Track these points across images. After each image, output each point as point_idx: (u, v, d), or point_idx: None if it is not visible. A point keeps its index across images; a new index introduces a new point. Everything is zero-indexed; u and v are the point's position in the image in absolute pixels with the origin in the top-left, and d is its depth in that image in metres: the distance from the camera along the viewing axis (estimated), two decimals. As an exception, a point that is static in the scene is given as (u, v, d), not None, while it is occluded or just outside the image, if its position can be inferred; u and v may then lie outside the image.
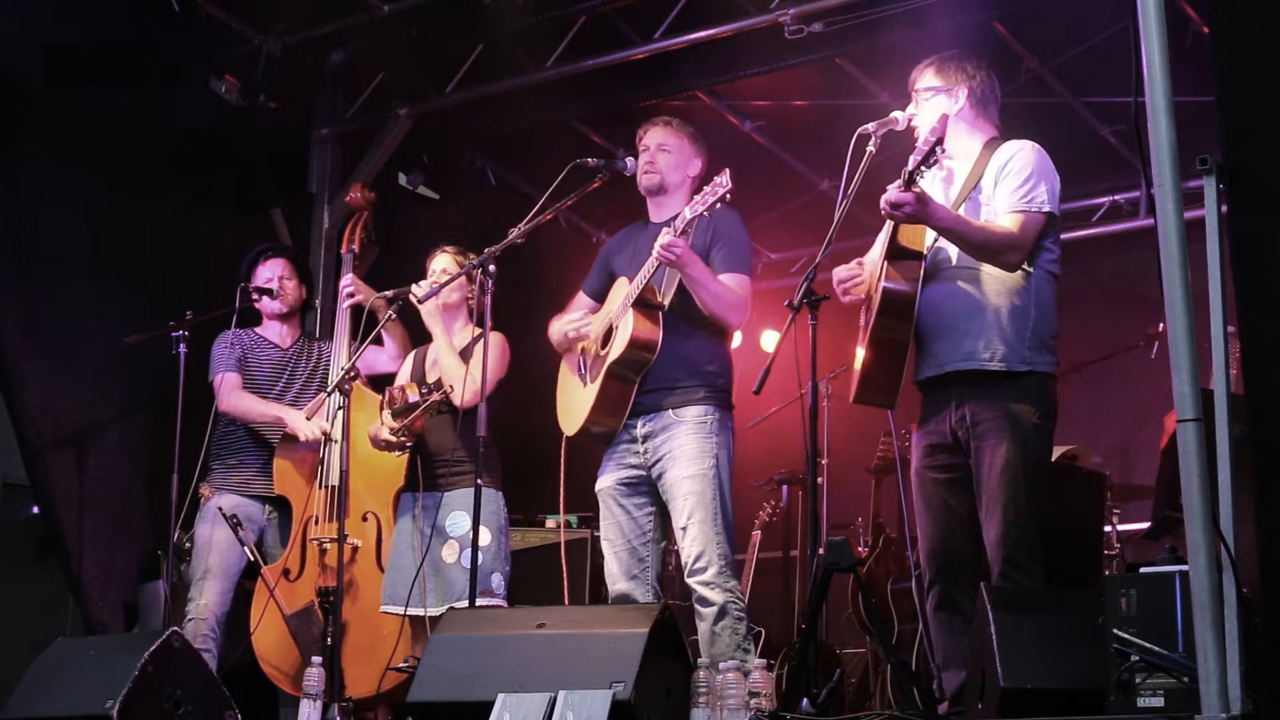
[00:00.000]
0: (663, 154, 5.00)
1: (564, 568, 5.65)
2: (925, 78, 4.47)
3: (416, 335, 5.63)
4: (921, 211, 4.13)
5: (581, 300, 5.18)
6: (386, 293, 5.48)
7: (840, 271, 4.47)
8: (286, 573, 5.61)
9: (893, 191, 4.11)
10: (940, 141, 4.11)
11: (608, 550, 4.90)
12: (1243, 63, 3.07)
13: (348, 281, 5.87)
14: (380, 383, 5.70)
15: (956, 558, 4.28)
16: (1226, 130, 3.06)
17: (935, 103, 4.42)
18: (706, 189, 4.64)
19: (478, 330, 5.18)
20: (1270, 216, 3.01)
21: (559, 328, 5.07)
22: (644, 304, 4.79)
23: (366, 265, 6.20)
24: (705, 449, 4.72)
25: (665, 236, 4.65)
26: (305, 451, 5.69)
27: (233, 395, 5.73)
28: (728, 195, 4.57)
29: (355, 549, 5.55)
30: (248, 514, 5.67)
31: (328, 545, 5.49)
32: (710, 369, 4.82)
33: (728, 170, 4.60)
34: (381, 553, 5.56)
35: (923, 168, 4.10)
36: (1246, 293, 3.01)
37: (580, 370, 5.01)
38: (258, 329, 5.94)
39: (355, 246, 6.07)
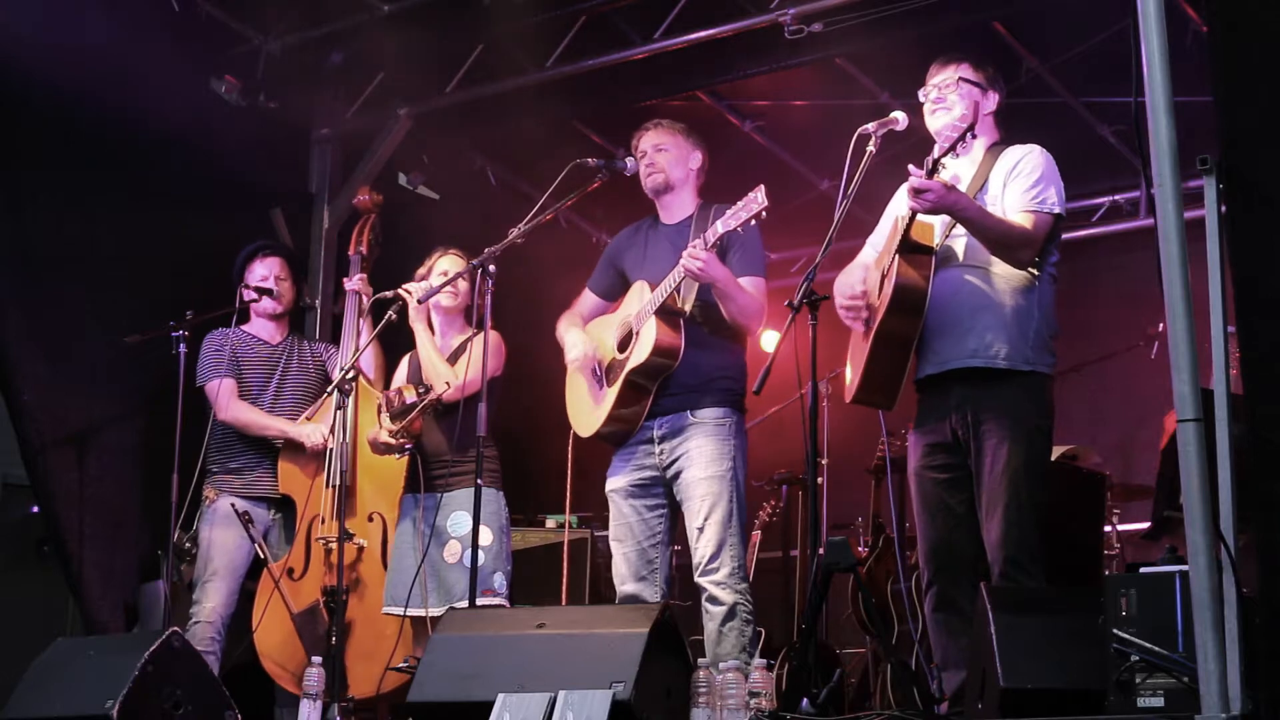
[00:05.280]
0: (660, 154, 5.00)
1: (564, 567, 5.65)
2: (963, 68, 4.39)
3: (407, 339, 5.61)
4: (947, 199, 4.07)
5: (588, 298, 5.18)
6: (385, 293, 5.48)
7: (843, 300, 4.43)
8: (290, 571, 5.60)
9: (917, 179, 4.06)
10: (972, 128, 4.07)
11: (616, 551, 4.89)
12: (1242, 63, 3.07)
13: (354, 282, 5.88)
14: None
15: (955, 557, 4.28)
16: (1226, 130, 3.06)
17: (968, 91, 4.36)
18: (739, 204, 4.58)
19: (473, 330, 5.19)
20: (1270, 216, 3.02)
21: (563, 336, 5.07)
22: (665, 310, 4.78)
23: (372, 266, 6.22)
24: (723, 451, 4.73)
25: (694, 249, 4.62)
26: (311, 452, 5.69)
27: (232, 406, 5.71)
28: (763, 213, 4.51)
29: (361, 549, 5.55)
30: (253, 516, 5.66)
31: (333, 544, 5.49)
32: (728, 374, 4.83)
33: (762, 187, 4.54)
34: (388, 553, 5.57)
35: (950, 155, 4.07)
36: (1246, 293, 3.01)
37: (596, 373, 4.99)
38: (245, 326, 5.93)
39: (364, 249, 6.04)
